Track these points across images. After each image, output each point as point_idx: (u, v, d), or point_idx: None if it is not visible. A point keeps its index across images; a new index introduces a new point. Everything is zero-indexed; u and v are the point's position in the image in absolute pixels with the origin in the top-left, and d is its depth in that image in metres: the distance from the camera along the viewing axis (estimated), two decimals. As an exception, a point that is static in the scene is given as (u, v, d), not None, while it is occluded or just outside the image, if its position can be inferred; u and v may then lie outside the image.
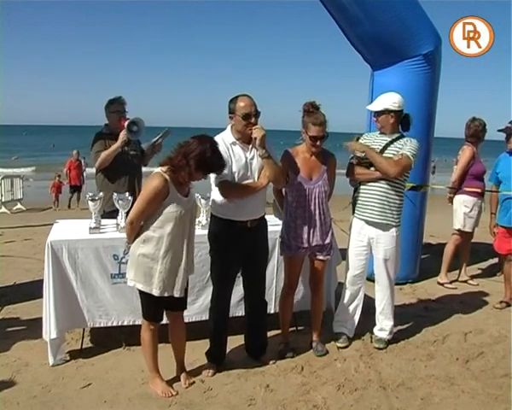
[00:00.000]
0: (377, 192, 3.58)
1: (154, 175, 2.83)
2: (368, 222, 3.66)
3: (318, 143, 3.38)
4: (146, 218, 2.86)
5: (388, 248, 3.65)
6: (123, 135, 4.13)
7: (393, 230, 3.63)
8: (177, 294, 2.89)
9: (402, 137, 3.65)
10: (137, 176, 4.37)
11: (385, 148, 3.60)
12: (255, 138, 3.10)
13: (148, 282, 2.86)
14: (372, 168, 3.59)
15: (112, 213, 3.87)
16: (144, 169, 4.48)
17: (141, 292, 2.96)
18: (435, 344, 3.89)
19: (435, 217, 6.22)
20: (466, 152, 5.22)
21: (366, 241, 3.70)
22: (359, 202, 3.71)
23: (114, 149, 4.14)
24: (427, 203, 5.42)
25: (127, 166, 4.25)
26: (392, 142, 3.61)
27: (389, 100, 3.61)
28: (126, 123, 4.13)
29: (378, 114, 3.65)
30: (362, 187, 3.68)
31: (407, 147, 3.54)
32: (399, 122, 3.66)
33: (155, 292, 2.86)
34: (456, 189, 5.32)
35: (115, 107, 4.32)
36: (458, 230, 5.33)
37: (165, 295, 2.87)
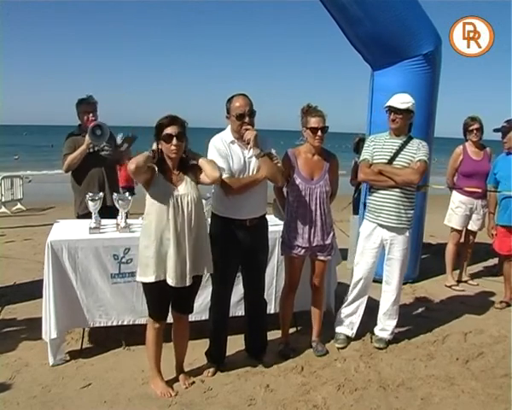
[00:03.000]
0: (393, 197, 3.58)
1: None
2: (383, 226, 3.66)
3: (319, 133, 3.37)
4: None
5: (402, 249, 3.67)
6: (88, 137, 4.07)
7: (406, 232, 3.67)
8: (169, 281, 2.86)
9: (411, 138, 3.63)
10: (109, 176, 4.28)
11: (398, 152, 3.58)
12: (248, 140, 3.10)
13: (146, 272, 2.89)
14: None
15: (86, 216, 3.78)
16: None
17: (144, 288, 2.98)
18: (435, 344, 3.89)
19: (435, 217, 6.22)
20: (456, 150, 5.38)
21: (378, 242, 3.70)
22: (372, 206, 3.70)
23: (80, 152, 4.09)
24: (427, 203, 5.43)
25: (97, 168, 4.20)
26: (403, 145, 3.59)
27: (409, 100, 3.58)
28: (90, 126, 4.06)
29: (398, 113, 3.57)
30: (376, 192, 3.67)
31: (421, 152, 3.55)
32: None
33: (151, 279, 2.86)
34: (451, 186, 5.39)
35: (83, 107, 4.25)
36: (451, 228, 5.40)
37: (161, 279, 2.86)
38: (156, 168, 2.90)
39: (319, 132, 3.37)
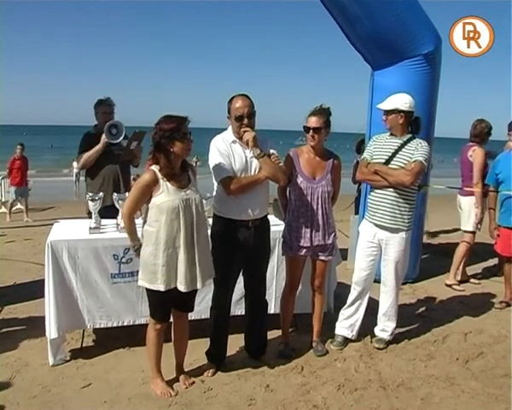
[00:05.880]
0: (388, 197, 3.56)
1: (145, 171, 2.94)
2: (377, 225, 3.65)
3: (311, 133, 3.38)
4: (146, 215, 2.92)
5: (397, 250, 3.64)
6: (104, 137, 4.13)
7: (403, 233, 3.62)
8: (180, 287, 2.86)
9: (413, 138, 3.59)
10: (123, 176, 4.32)
11: (396, 152, 3.56)
12: (247, 141, 3.10)
13: (153, 279, 2.86)
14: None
15: (98, 212, 3.76)
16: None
17: (148, 291, 2.96)
18: (435, 344, 3.89)
19: (435, 217, 6.23)
20: (479, 153, 5.12)
21: (376, 242, 3.69)
22: (370, 205, 3.70)
23: (96, 151, 4.17)
24: (427, 203, 5.42)
25: (112, 167, 4.25)
26: (403, 145, 3.56)
27: (400, 100, 3.56)
28: (106, 125, 4.14)
29: (388, 113, 3.59)
30: (373, 191, 3.68)
31: (419, 152, 3.49)
32: (409, 124, 3.62)
33: (161, 287, 2.85)
34: (460, 188, 5.32)
35: (102, 108, 4.35)
36: (471, 232, 5.28)
37: (171, 287, 2.85)
38: (159, 176, 2.83)
39: (311, 132, 3.38)
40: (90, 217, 3.98)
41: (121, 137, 4.22)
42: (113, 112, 4.39)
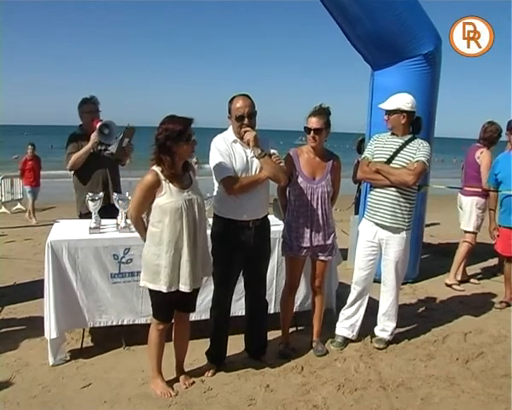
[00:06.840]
0: (389, 197, 3.56)
1: (147, 171, 2.92)
2: (378, 224, 3.65)
3: (312, 134, 3.38)
4: (149, 215, 2.92)
5: (398, 249, 3.64)
6: (94, 136, 4.05)
7: (403, 232, 3.62)
8: (183, 288, 2.86)
9: (413, 138, 3.59)
10: (112, 176, 4.24)
11: (397, 151, 3.56)
12: (248, 140, 3.10)
13: (156, 280, 2.87)
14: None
15: (89, 215, 3.75)
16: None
17: (151, 291, 2.96)
18: (435, 344, 3.89)
19: (435, 217, 6.22)
20: (486, 155, 5.13)
21: (376, 242, 3.69)
22: (370, 204, 3.70)
23: (85, 151, 4.07)
24: (427, 203, 5.42)
25: (100, 167, 4.16)
26: (404, 145, 3.56)
27: (402, 100, 3.56)
28: (98, 125, 4.04)
29: (390, 113, 3.59)
30: (374, 191, 3.68)
31: (421, 152, 3.49)
32: (411, 124, 3.62)
33: (163, 288, 2.85)
34: (460, 188, 5.30)
35: (88, 107, 4.23)
36: (472, 232, 5.28)
37: (173, 289, 2.85)
38: (162, 177, 2.82)
39: (312, 133, 3.38)
40: (81, 218, 3.97)
41: (113, 138, 4.12)
42: (99, 110, 4.27)
